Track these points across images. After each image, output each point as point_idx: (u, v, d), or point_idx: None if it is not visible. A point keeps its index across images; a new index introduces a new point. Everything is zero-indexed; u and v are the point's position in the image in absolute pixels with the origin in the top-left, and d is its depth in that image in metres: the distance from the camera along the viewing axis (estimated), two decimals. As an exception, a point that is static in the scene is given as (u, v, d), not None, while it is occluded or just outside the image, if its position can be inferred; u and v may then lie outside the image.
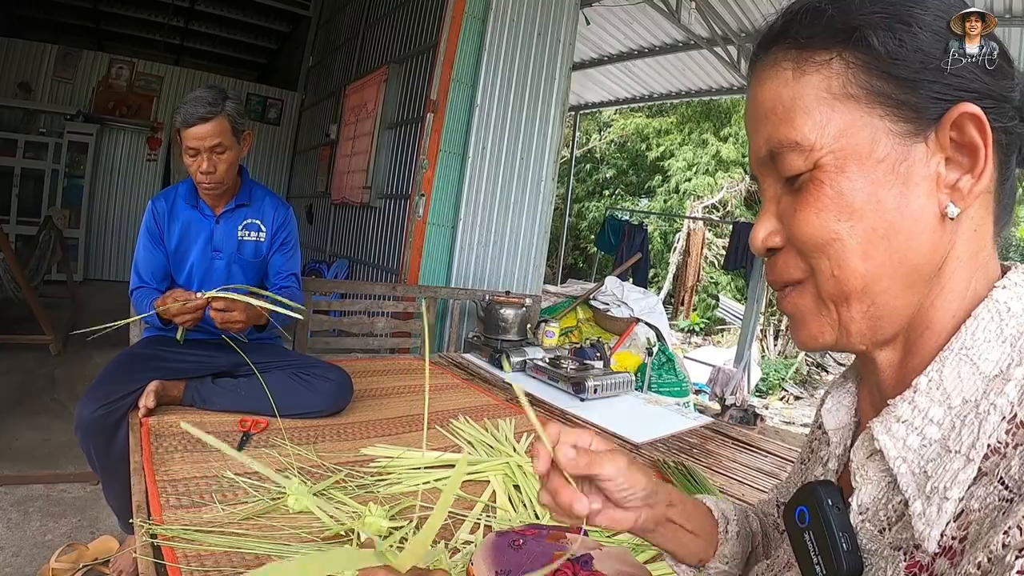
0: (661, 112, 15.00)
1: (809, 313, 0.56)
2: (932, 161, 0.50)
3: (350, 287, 4.26)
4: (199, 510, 1.36)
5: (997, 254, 0.55)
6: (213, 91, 2.04)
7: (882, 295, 0.52)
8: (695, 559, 0.79)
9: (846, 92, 0.51)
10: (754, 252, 0.60)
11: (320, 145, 7.17)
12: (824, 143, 0.51)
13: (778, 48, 0.56)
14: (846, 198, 0.51)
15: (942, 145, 0.50)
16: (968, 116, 0.48)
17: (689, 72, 7.66)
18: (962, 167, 0.50)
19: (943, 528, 0.46)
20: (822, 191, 0.52)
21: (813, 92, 0.52)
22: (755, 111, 0.58)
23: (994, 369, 0.48)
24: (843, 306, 0.53)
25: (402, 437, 2.03)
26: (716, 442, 2.42)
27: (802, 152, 0.53)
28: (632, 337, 4.38)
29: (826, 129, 0.51)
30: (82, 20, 9.33)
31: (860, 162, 0.51)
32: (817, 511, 0.56)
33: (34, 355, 4.54)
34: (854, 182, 0.51)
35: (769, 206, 0.58)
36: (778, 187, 0.57)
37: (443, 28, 4.28)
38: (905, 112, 0.50)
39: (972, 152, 0.49)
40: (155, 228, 2.15)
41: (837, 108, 0.51)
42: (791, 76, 0.54)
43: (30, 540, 2.30)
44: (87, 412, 1.80)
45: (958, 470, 0.46)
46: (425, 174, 4.27)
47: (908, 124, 0.50)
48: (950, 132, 0.49)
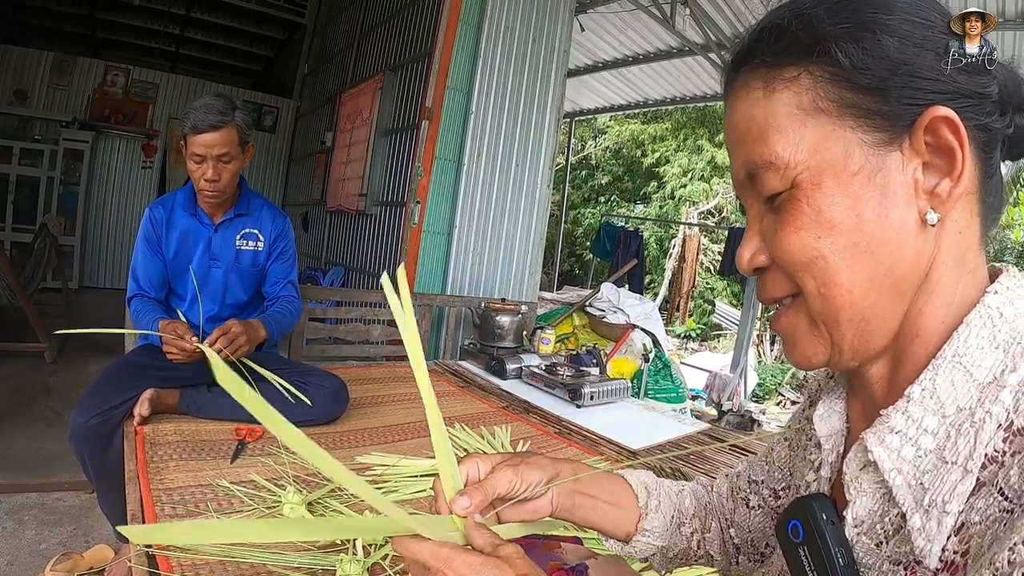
0: (656, 118, 15.01)
1: (802, 334, 0.55)
2: (909, 168, 0.50)
3: (346, 295, 4.25)
4: (194, 519, 1.36)
5: (986, 255, 0.54)
6: (223, 100, 2.05)
7: (871, 308, 0.51)
8: (622, 531, 0.82)
9: (816, 106, 0.51)
10: (741, 272, 0.59)
11: (316, 152, 7.19)
12: (799, 160, 0.51)
13: (747, 68, 0.56)
14: (824, 215, 0.50)
15: (918, 151, 0.49)
16: (940, 119, 0.48)
17: (683, 78, 7.68)
18: (940, 171, 0.49)
19: (944, 543, 0.45)
20: (800, 209, 0.51)
21: (784, 109, 0.52)
22: (732, 134, 0.58)
23: (988, 376, 0.47)
24: (833, 324, 0.53)
25: (398, 445, 2.03)
26: (713, 448, 2.42)
27: (777, 171, 0.52)
28: (628, 343, 4.39)
29: (800, 146, 0.51)
30: (78, 27, 9.32)
31: (835, 176, 0.50)
32: (811, 526, 0.55)
33: (29, 363, 4.51)
34: (831, 197, 0.50)
35: (753, 225, 0.58)
36: (760, 207, 0.57)
37: (438, 35, 4.30)
38: (876, 121, 0.49)
39: (949, 155, 0.49)
40: (153, 235, 2.14)
41: (809, 124, 0.51)
42: (762, 95, 0.54)
43: (25, 549, 2.28)
44: (81, 421, 1.80)
45: (956, 482, 0.45)
46: (420, 181, 4.28)
47: (881, 133, 0.49)
48: (924, 136, 0.49)
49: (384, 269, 4.70)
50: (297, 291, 2.36)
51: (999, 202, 0.54)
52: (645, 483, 0.85)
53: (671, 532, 0.84)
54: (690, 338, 12.71)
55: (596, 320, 4.64)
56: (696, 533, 0.86)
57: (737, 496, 0.85)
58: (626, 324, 4.50)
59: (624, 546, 0.83)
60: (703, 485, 0.92)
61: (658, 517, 0.83)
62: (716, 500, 0.88)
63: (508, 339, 3.56)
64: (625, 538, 0.82)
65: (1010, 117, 0.51)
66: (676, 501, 0.86)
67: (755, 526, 0.81)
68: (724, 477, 0.90)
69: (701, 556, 0.86)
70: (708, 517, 0.87)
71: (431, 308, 3.92)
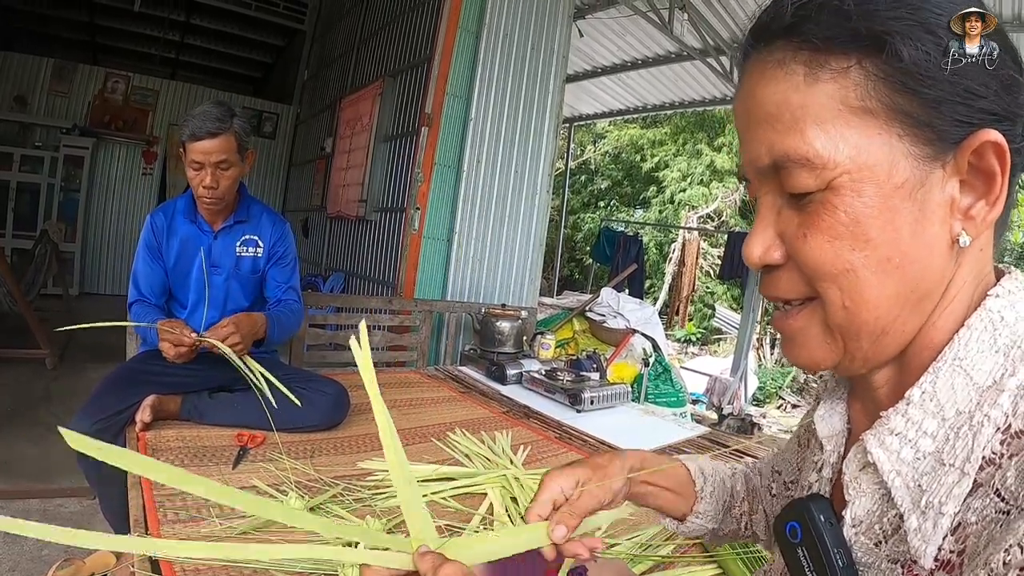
0: (655, 123, 15.05)
1: (814, 339, 0.53)
2: (948, 185, 0.47)
3: (346, 301, 4.25)
4: (196, 524, 1.37)
5: (993, 260, 0.54)
6: (221, 107, 2.05)
7: (892, 323, 0.50)
8: (678, 513, 0.87)
9: (864, 106, 0.46)
10: (749, 265, 0.55)
11: (315, 159, 7.20)
12: (839, 162, 0.47)
13: (786, 44, 0.50)
14: (862, 226, 0.47)
15: (959, 170, 0.47)
16: (990, 144, 0.46)
17: (682, 83, 7.70)
18: (976, 191, 0.48)
19: (939, 543, 0.45)
20: (836, 217, 0.48)
21: (827, 102, 0.47)
22: (755, 111, 0.52)
23: (987, 380, 0.47)
24: (852, 337, 0.51)
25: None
26: (714, 452, 2.42)
27: (813, 170, 0.48)
28: (628, 348, 4.38)
29: (840, 146, 0.47)
30: (78, 34, 9.35)
31: (879, 186, 0.47)
32: (809, 527, 0.55)
33: (30, 369, 4.52)
34: (871, 209, 0.47)
35: (767, 215, 0.54)
36: (778, 199, 0.53)
37: (437, 42, 4.31)
38: (926, 134, 0.46)
39: (988, 178, 0.47)
40: (154, 242, 2.15)
41: (853, 123, 0.47)
42: (802, 81, 0.48)
43: (27, 555, 2.29)
44: (83, 428, 1.79)
45: (953, 484, 0.46)
46: (420, 187, 4.29)
47: (928, 147, 0.46)
48: (969, 158, 0.46)
49: (384, 275, 4.73)
50: (299, 296, 2.36)
51: (1007, 215, 0.53)
52: (702, 469, 0.89)
53: (722, 515, 0.88)
54: (690, 342, 12.72)
55: (596, 325, 4.64)
56: (744, 515, 0.89)
57: (763, 483, 0.88)
58: (626, 329, 4.50)
59: (679, 524, 0.88)
60: (751, 467, 0.95)
61: (712, 502, 0.87)
62: (758, 482, 0.91)
63: (508, 344, 3.57)
64: (681, 518, 0.87)
65: None
66: (729, 486, 0.90)
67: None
68: (762, 461, 0.94)
69: (748, 535, 0.90)
70: (755, 500, 0.89)
71: (431, 314, 3.92)
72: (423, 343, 3.80)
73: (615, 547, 1.50)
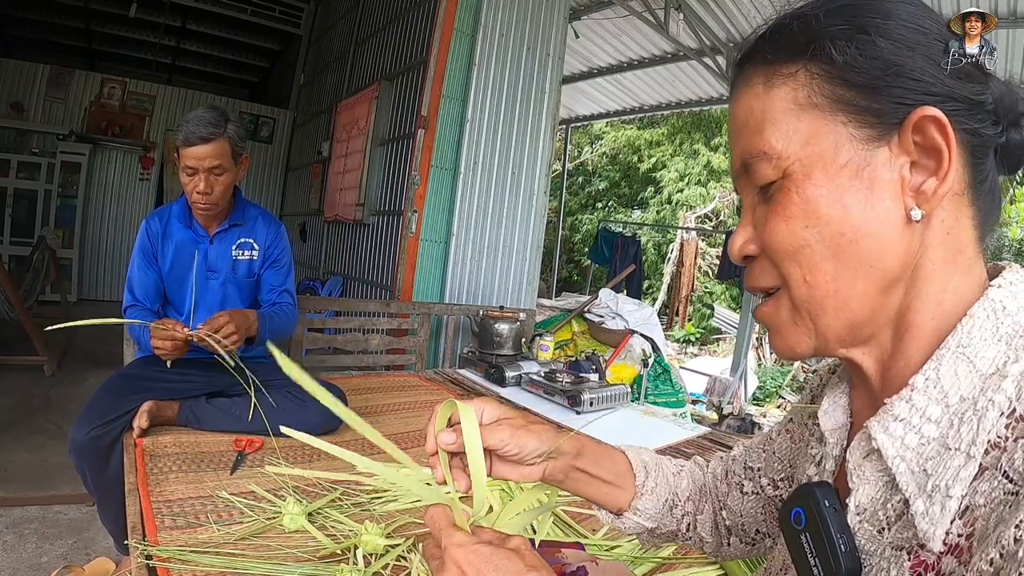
0: (652, 123, 15.07)
1: (785, 324, 0.58)
2: (896, 165, 0.51)
3: (344, 304, 4.25)
4: (194, 531, 1.36)
5: (984, 259, 0.55)
6: (215, 112, 2.05)
7: (857, 299, 0.53)
8: (614, 506, 0.86)
9: (811, 101, 0.53)
10: (732, 260, 0.62)
11: (312, 163, 7.20)
12: (791, 151, 0.54)
13: (751, 65, 0.59)
14: (812, 204, 0.53)
15: (906, 149, 0.51)
16: (928, 119, 0.50)
17: (678, 83, 7.72)
18: (928, 170, 0.51)
19: (947, 526, 0.46)
20: (790, 199, 0.54)
21: (781, 104, 0.55)
22: (732, 125, 0.61)
23: (991, 367, 0.49)
24: (818, 312, 0.55)
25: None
26: (714, 452, 2.42)
27: (770, 160, 0.55)
28: (627, 349, 4.38)
29: (793, 138, 0.54)
30: (74, 40, 9.36)
31: (824, 168, 0.53)
32: (814, 512, 0.56)
33: (29, 376, 4.52)
34: (819, 188, 0.53)
35: (747, 215, 0.60)
36: (754, 196, 0.59)
37: (433, 44, 4.31)
38: (866, 117, 0.51)
39: (936, 154, 0.50)
40: (149, 247, 2.15)
41: (803, 118, 0.54)
42: (761, 90, 0.56)
43: (26, 562, 2.28)
44: (81, 434, 1.80)
45: (959, 467, 0.46)
46: (417, 190, 4.29)
47: (870, 129, 0.52)
48: (913, 136, 0.51)
49: (382, 278, 4.73)
50: (294, 299, 2.35)
51: (994, 208, 0.55)
52: (645, 463, 0.89)
53: (663, 514, 0.87)
54: (689, 342, 12.71)
55: (595, 326, 4.63)
56: (687, 516, 0.88)
57: (732, 480, 0.87)
58: (625, 330, 4.49)
59: (614, 519, 0.87)
60: (699, 465, 0.95)
61: (652, 498, 0.86)
62: (711, 481, 0.91)
63: (507, 347, 3.57)
64: (616, 512, 0.87)
65: (1003, 128, 0.53)
66: (673, 483, 0.89)
67: (747, 511, 0.84)
68: (719, 459, 0.93)
69: (690, 537, 0.89)
70: (702, 499, 0.89)
71: (429, 317, 3.92)
72: (422, 346, 3.80)
73: (616, 548, 1.50)
